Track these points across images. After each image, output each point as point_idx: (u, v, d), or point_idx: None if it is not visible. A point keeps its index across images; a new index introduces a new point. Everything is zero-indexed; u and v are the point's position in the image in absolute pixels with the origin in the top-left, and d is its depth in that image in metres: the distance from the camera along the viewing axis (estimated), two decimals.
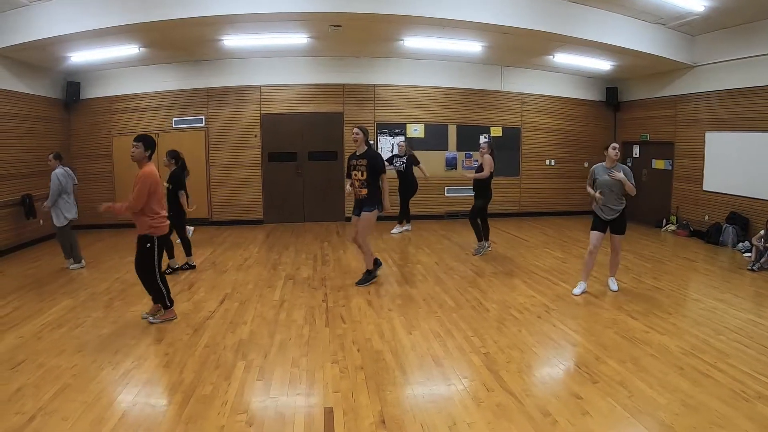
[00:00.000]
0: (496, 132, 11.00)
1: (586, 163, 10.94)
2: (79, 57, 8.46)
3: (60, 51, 8.02)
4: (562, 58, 9.68)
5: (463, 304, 5.21)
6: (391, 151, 10.01)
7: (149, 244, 4.52)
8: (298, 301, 5.34)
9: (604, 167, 5.38)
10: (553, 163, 11.43)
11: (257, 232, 9.66)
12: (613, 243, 5.56)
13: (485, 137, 10.70)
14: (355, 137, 5.63)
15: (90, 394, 3.31)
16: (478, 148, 7.43)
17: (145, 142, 4.48)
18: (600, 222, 5.45)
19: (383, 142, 10.56)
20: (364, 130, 5.66)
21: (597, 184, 5.38)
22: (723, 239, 8.27)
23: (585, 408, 3.11)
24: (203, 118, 10.14)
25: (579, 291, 5.52)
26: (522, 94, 11.12)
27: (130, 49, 8.50)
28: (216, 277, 6.35)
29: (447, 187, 10.85)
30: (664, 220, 9.98)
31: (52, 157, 6.67)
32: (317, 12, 6.87)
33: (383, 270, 6.42)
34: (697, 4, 7.24)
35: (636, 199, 6.27)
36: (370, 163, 5.59)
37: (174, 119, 10.08)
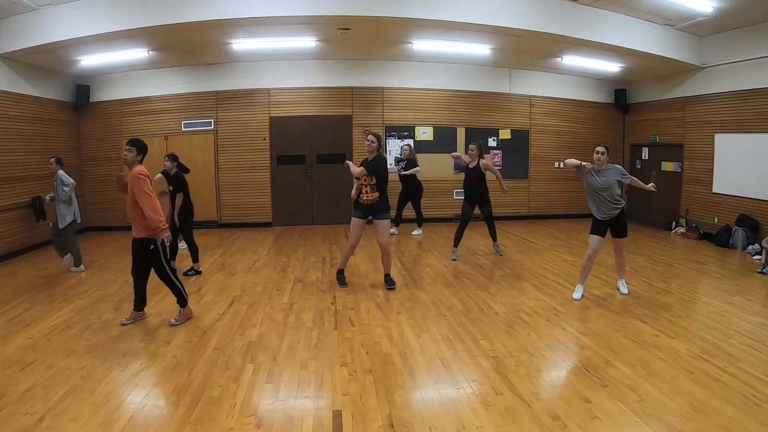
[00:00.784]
0: (505, 135, 10.99)
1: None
2: (89, 60, 8.55)
3: (70, 54, 8.10)
4: (571, 60, 9.65)
5: (471, 307, 5.20)
6: (400, 154, 10.03)
7: (152, 246, 4.55)
8: (306, 304, 5.35)
9: (595, 169, 5.23)
10: (561, 165, 11.36)
11: (266, 234, 9.70)
12: (615, 246, 5.50)
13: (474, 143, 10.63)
14: (371, 145, 5.68)
15: (99, 395, 3.33)
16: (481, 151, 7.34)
17: (138, 146, 4.58)
18: (599, 224, 5.33)
19: (392, 145, 10.57)
20: (378, 138, 5.73)
21: (587, 187, 5.27)
22: (733, 242, 8.20)
23: (594, 412, 3.09)
24: (212, 120, 10.19)
25: (578, 295, 5.46)
26: (530, 97, 11.11)
27: (139, 53, 8.59)
28: (225, 280, 6.37)
29: (455, 190, 10.82)
30: (674, 223, 9.90)
31: (53, 161, 6.75)
32: (326, 15, 6.88)
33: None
34: (705, 6, 7.20)
35: (645, 201, 6.23)
36: (378, 168, 5.66)
37: (183, 122, 10.14)
